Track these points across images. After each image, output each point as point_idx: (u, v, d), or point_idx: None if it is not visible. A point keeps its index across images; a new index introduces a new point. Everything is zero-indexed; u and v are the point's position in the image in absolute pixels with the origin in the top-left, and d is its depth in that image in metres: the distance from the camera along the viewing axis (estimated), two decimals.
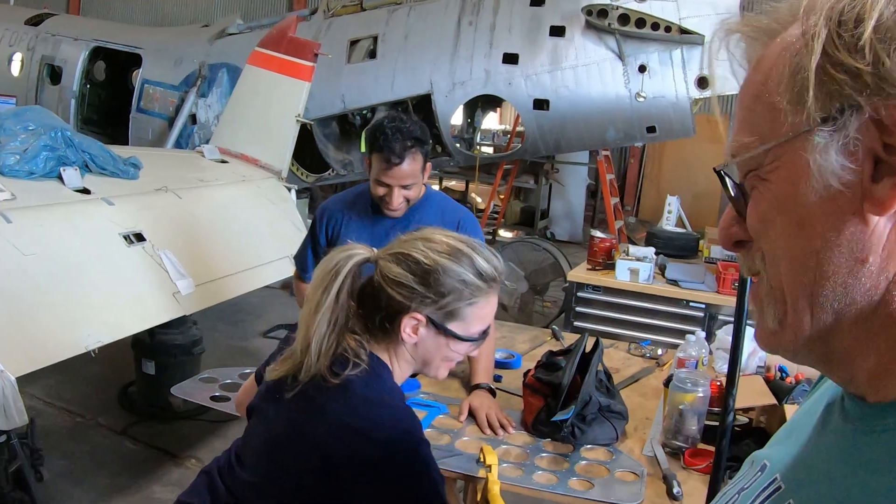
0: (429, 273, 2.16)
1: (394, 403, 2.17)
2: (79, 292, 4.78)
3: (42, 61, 13.51)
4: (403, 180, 3.75)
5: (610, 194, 12.35)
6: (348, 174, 11.73)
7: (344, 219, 4.03)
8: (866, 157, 0.84)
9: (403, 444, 2.07)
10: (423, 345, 2.24)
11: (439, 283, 2.17)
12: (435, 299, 2.18)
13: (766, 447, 1.20)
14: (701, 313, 6.51)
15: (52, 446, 5.68)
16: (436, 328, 2.21)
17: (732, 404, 2.93)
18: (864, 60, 0.81)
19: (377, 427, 2.07)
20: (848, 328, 0.90)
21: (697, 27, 9.71)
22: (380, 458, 2.04)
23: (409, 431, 2.10)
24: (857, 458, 0.91)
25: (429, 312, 2.19)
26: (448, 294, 2.18)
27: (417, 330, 2.20)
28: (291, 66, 7.78)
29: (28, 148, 5.40)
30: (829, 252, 0.88)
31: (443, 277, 2.17)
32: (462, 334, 2.24)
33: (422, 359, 2.29)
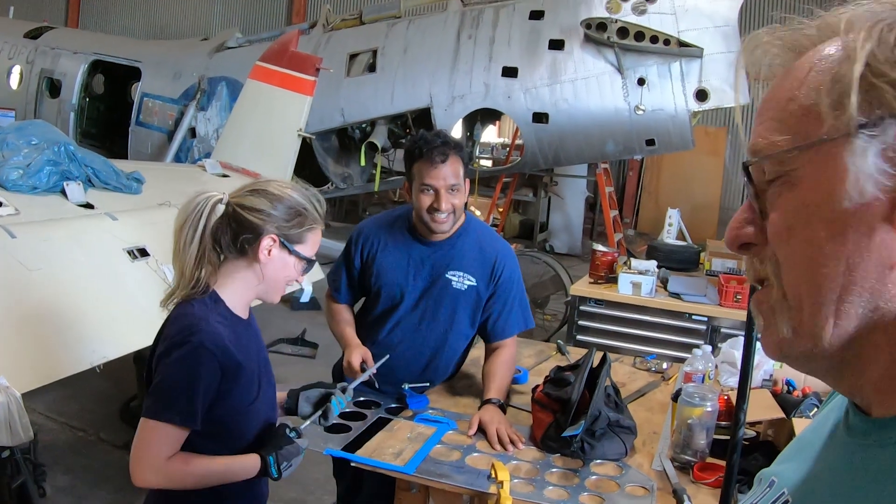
0: (281, 200, 2.68)
1: (201, 321, 2.59)
2: (83, 308, 4.77)
3: (41, 74, 13.56)
4: (449, 179, 3.71)
5: (609, 207, 12.38)
6: (347, 188, 11.76)
7: (380, 243, 4.00)
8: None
9: (189, 339, 2.55)
10: (273, 264, 2.69)
11: (289, 209, 2.69)
12: (286, 221, 2.68)
13: (774, 464, 1.21)
14: (703, 326, 6.51)
15: (54, 461, 5.66)
16: (287, 249, 2.70)
17: (743, 418, 2.93)
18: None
19: (184, 328, 2.57)
20: (865, 336, 0.90)
21: (696, 40, 9.78)
22: (171, 341, 2.59)
23: (203, 341, 2.55)
24: (862, 471, 0.92)
25: (280, 233, 2.66)
26: (295, 218, 2.69)
27: (271, 250, 2.67)
28: (293, 81, 7.81)
29: (31, 163, 5.41)
30: (858, 258, 0.88)
31: (290, 204, 2.69)
32: (301, 253, 2.73)
33: (270, 277, 2.72)
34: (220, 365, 2.57)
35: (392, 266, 3.95)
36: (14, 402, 3.80)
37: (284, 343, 8.86)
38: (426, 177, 3.71)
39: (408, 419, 3.71)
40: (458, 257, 3.93)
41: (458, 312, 3.97)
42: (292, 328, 9.16)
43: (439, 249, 3.92)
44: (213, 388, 2.58)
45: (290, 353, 8.68)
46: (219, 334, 2.59)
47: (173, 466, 2.55)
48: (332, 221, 17.42)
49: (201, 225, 2.61)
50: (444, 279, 3.92)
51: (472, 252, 3.95)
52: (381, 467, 3.26)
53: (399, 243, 3.97)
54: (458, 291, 3.93)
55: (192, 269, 2.63)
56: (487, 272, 3.95)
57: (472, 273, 3.93)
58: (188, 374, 2.54)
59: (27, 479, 4.81)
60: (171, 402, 2.54)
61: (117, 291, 5.06)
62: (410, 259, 3.93)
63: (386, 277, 3.96)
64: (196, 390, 2.54)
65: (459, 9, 10.96)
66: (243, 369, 2.65)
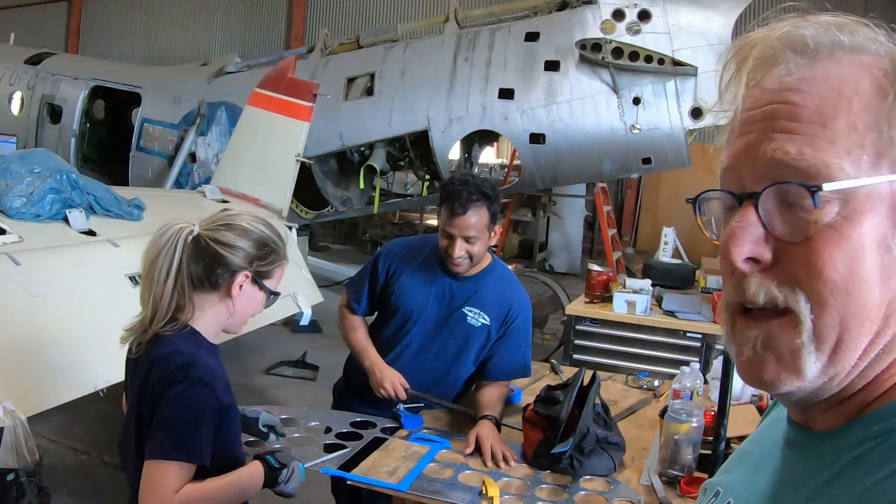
0: (254, 236, 2.75)
1: (195, 357, 2.65)
2: (87, 333, 4.84)
3: (42, 100, 13.62)
4: (466, 231, 3.79)
5: (607, 226, 12.40)
6: (347, 210, 11.81)
7: (407, 265, 4.09)
8: None
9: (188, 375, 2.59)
10: (243, 297, 2.77)
11: (261, 245, 2.76)
12: (259, 258, 2.76)
13: (717, 475, 1.28)
14: (698, 343, 6.57)
15: (58, 484, 5.73)
16: (257, 284, 2.78)
17: (724, 433, 3.02)
18: None
19: (180, 366, 2.60)
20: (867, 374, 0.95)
21: (690, 59, 9.83)
22: (168, 380, 2.59)
23: (202, 378, 2.60)
24: (801, 481, 0.98)
25: (253, 270, 2.75)
26: (267, 255, 2.78)
27: (243, 286, 2.75)
28: (291, 107, 7.89)
29: (34, 191, 5.49)
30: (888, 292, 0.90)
31: (264, 241, 2.77)
32: (270, 288, 2.82)
33: (238, 310, 2.80)
34: (217, 399, 2.63)
35: (414, 289, 4.04)
36: (20, 426, 3.88)
37: (285, 366, 8.92)
38: (445, 222, 3.82)
39: (402, 438, 3.79)
40: (478, 295, 4.02)
41: (467, 347, 4.06)
42: (293, 350, 9.23)
43: (462, 284, 4.02)
44: (216, 421, 2.63)
45: (291, 376, 8.74)
46: (212, 368, 2.68)
47: (186, 496, 2.55)
48: (331, 244, 17.51)
49: (176, 258, 2.66)
50: (461, 313, 4.02)
51: (492, 293, 4.04)
52: (377, 485, 3.35)
53: (426, 270, 4.06)
54: (472, 327, 4.02)
55: (168, 303, 2.67)
56: (502, 316, 4.05)
57: (487, 312, 4.03)
58: (192, 411, 2.58)
59: (32, 501, 4.86)
60: (180, 440, 2.55)
61: (119, 317, 5.06)
62: (433, 287, 4.04)
63: (405, 297, 4.05)
64: (201, 426, 2.58)
65: (455, 31, 11.03)
66: (231, 398, 2.74)
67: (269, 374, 8.74)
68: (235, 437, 2.86)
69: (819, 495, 0.93)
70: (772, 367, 0.95)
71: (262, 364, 9.00)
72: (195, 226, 2.74)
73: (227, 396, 2.70)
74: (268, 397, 7.98)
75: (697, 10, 9.91)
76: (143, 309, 2.76)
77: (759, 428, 1.25)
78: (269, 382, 8.45)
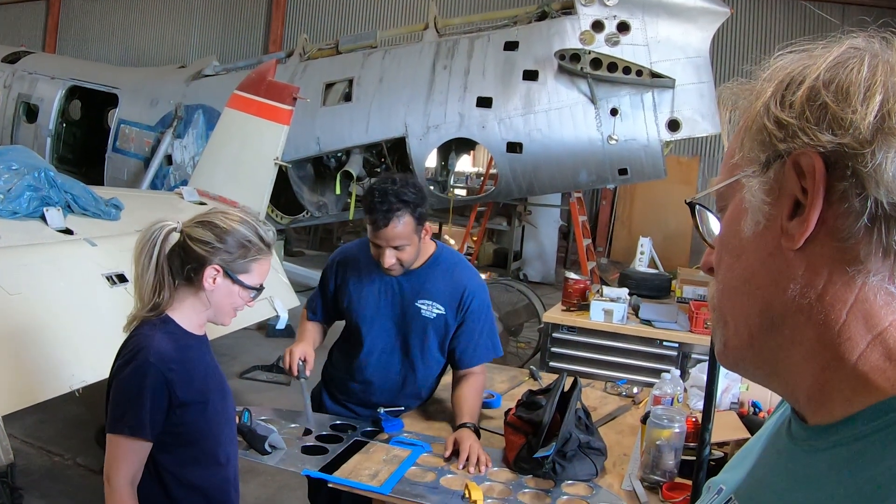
0: (227, 233, 2.84)
1: (151, 340, 2.78)
2: (63, 332, 4.80)
3: (18, 99, 13.53)
4: (392, 241, 3.78)
5: (582, 236, 12.45)
6: (322, 216, 11.80)
7: (353, 270, 4.11)
8: (786, 199, 0.96)
9: (136, 356, 2.75)
10: (218, 292, 2.87)
11: (234, 241, 2.84)
12: (230, 252, 2.83)
13: (721, 472, 1.29)
14: (674, 352, 6.60)
15: (31, 486, 5.67)
16: (230, 278, 2.86)
17: (708, 438, 3.03)
18: (791, 114, 0.95)
19: (133, 348, 2.79)
20: (784, 348, 1.00)
21: (668, 71, 9.90)
22: (121, 360, 2.80)
23: (148, 356, 2.74)
24: (801, 474, 1.00)
25: (224, 264, 2.83)
26: (238, 249, 2.85)
27: (216, 279, 2.84)
28: (270, 110, 7.87)
29: (11, 188, 5.45)
30: (757, 281, 1.01)
31: (235, 237, 2.85)
32: (247, 283, 2.90)
33: (216, 304, 2.90)
34: (165, 378, 2.75)
35: (363, 293, 4.06)
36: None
37: (259, 370, 8.87)
38: (371, 234, 3.83)
39: (383, 442, 3.78)
40: (428, 287, 4.02)
41: (428, 339, 4.06)
42: (267, 355, 9.19)
43: (409, 279, 4.01)
44: (163, 399, 2.76)
45: (265, 381, 8.69)
46: (164, 349, 2.78)
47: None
48: (306, 249, 17.47)
49: (155, 253, 2.80)
50: (414, 307, 4.02)
51: (441, 282, 4.04)
52: (359, 488, 3.33)
53: (371, 272, 4.04)
54: (428, 319, 4.03)
55: (150, 294, 2.82)
56: (456, 302, 4.04)
57: (440, 302, 4.02)
58: (135, 388, 2.73)
59: (5, 502, 4.82)
60: (122, 415, 2.74)
61: (96, 316, 5.10)
62: (382, 288, 4.04)
63: (356, 304, 4.07)
64: (143, 403, 2.72)
65: (435, 39, 11.05)
66: (192, 377, 2.85)
67: (244, 378, 8.69)
68: (215, 411, 2.97)
69: (820, 488, 0.94)
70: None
71: (236, 368, 8.95)
72: (179, 223, 2.88)
73: (190, 382, 2.84)
74: (242, 402, 7.91)
75: (676, 23, 9.99)
76: (134, 301, 2.91)
77: (765, 426, 1.27)
78: (243, 387, 8.40)
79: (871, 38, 0.96)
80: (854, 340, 0.94)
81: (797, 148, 0.93)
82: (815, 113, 0.92)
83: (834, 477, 0.93)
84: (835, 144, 0.90)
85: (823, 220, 0.92)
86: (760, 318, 1.01)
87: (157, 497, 2.88)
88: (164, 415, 2.78)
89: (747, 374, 1.12)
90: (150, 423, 2.74)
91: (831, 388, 0.97)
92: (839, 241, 0.92)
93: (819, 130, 0.91)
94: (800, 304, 0.96)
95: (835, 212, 0.92)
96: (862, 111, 0.89)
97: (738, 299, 1.04)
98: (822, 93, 0.92)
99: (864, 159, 0.88)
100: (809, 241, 0.94)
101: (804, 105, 0.93)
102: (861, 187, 0.89)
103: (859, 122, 0.89)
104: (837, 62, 0.94)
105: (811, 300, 0.95)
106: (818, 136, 0.91)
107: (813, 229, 0.93)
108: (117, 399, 2.78)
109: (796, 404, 1.05)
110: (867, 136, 0.89)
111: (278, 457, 3.62)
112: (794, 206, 0.95)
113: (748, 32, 16.50)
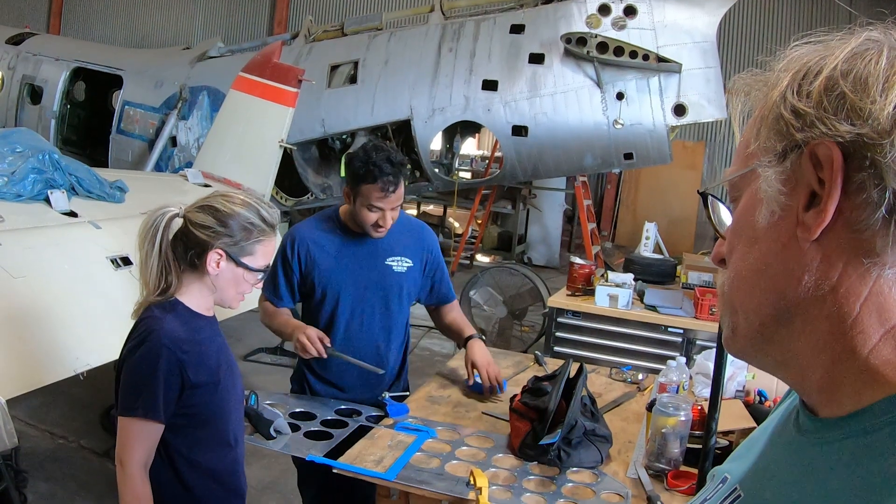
0: (229, 217, 2.84)
1: (162, 322, 2.81)
2: (67, 315, 4.81)
3: (23, 80, 13.51)
4: (395, 203, 3.95)
5: (587, 220, 12.44)
6: (327, 198, 11.77)
7: (316, 245, 4.13)
8: (803, 190, 0.95)
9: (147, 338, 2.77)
10: (223, 275, 2.87)
11: (235, 225, 2.84)
12: (232, 236, 2.83)
13: (727, 462, 1.29)
14: (679, 338, 6.60)
15: (35, 468, 5.68)
16: (234, 262, 2.86)
17: (715, 427, 3.02)
18: (809, 104, 0.93)
19: (143, 330, 2.80)
20: (795, 339, 1.00)
21: (675, 55, 9.87)
22: (133, 342, 2.82)
23: (160, 339, 2.76)
24: (808, 466, 1.00)
25: (227, 248, 2.83)
26: (241, 233, 2.85)
27: (220, 263, 2.84)
28: (275, 92, 7.85)
29: (16, 170, 5.44)
30: (771, 271, 0.99)
31: (237, 221, 2.84)
32: (252, 266, 2.89)
33: (221, 287, 2.91)
34: (178, 360, 2.77)
35: (332, 266, 4.11)
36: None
37: (264, 352, 8.89)
38: (375, 200, 3.90)
39: (388, 427, 3.78)
40: (393, 244, 4.17)
41: (403, 292, 4.24)
42: (271, 338, 9.15)
43: (374, 240, 4.11)
44: (176, 380, 2.78)
45: (270, 363, 8.71)
46: (175, 331, 2.80)
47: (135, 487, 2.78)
48: None
49: (157, 239, 2.82)
50: (386, 266, 4.17)
51: (401, 236, 4.20)
52: (363, 473, 3.32)
53: (335, 243, 4.14)
54: (400, 274, 4.20)
55: (156, 279, 2.85)
56: (421, 251, 4.29)
57: (408, 255, 4.23)
58: (148, 370, 2.74)
59: (9, 485, 4.82)
60: (135, 397, 2.76)
61: (101, 299, 5.10)
62: (349, 255, 4.14)
63: (329, 275, 4.11)
64: (156, 384, 2.74)
65: (440, 21, 11.01)
66: (203, 358, 2.88)
67: (248, 360, 8.71)
68: (226, 390, 2.99)
69: (828, 481, 0.95)
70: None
71: (240, 350, 8.94)
72: (181, 208, 2.89)
73: (201, 363, 2.86)
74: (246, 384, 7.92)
75: (683, 7, 9.95)
76: (140, 286, 2.95)
77: (770, 416, 1.27)
78: (248, 369, 8.41)
79: (889, 30, 0.95)
80: (866, 334, 0.94)
81: (815, 138, 0.92)
82: (833, 103, 0.91)
83: (842, 470, 0.94)
84: (853, 135, 0.90)
85: (840, 211, 0.92)
86: (773, 308, 1.00)
87: (168, 480, 2.89)
88: (176, 396, 2.80)
89: (754, 362, 1.12)
90: (164, 404, 2.76)
91: (841, 380, 0.97)
92: (856, 232, 0.91)
93: (837, 120, 0.91)
94: (814, 295, 0.95)
95: (852, 203, 0.91)
96: (881, 102, 0.89)
97: (749, 288, 1.03)
98: (840, 83, 0.91)
99: (883, 150, 0.88)
100: (825, 231, 0.93)
101: (822, 95, 0.92)
102: (879, 178, 0.89)
103: (878, 113, 0.88)
104: (855, 53, 0.93)
105: (825, 292, 0.95)
106: (836, 126, 0.90)
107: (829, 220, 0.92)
108: (129, 382, 2.79)
109: (806, 395, 1.05)
110: (886, 126, 0.88)
111: (283, 442, 3.62)
112: (811, 196, 0.94)
113: (755, 18, 16.40)
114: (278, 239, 3.28)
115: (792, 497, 1.00)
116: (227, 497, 3.07)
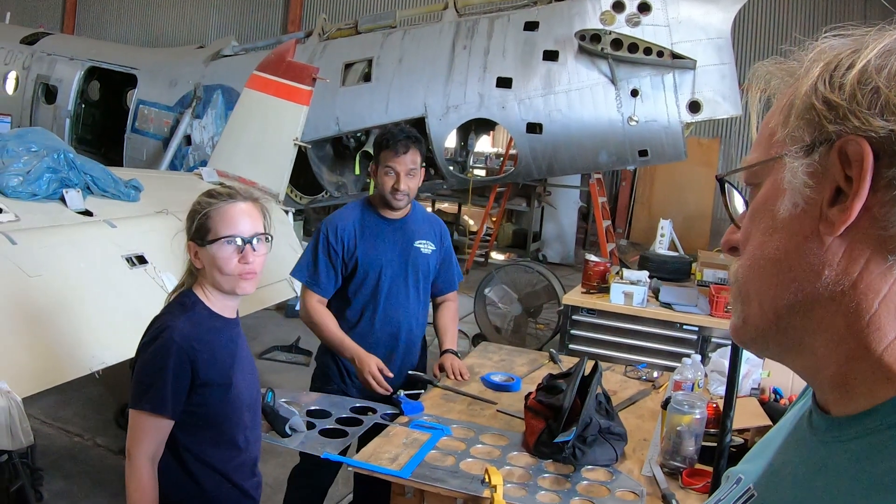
0: (190, 213, 2.96)
1: (173, 318, 2.89)
2: (83, 314, 4.82)
3: (37, 80, 13.55)
4: (408, 166, 4.33)
5: (602, 217, 12.40)
6: (342, 196, 11.77)
7: (354, 231, 4.45)
8: (828, 184, 0.93)
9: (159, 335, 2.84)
10: (206, 262, 2.91)
11: (192, 214, 2.94)
12: (191, 225, 2.92)
13: (741, 463, 1.28)
14: (694, 336, 6.57)
15: (51, 466, 5.71)
16: (200, 245, 2.90)
17: (730, 425, 3.01)
18: (842, 96, 0.92)
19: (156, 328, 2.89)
20: (809, 333, 0.99)
21: (689, 52, 9.81)
22: (145, 338, 2.91)
23: (171, 335, 2.82)
24: (820, 465, 0.99)
25: (193, 238, 2.92)
26: (193, 218, 2.93)
27: (197, 253, 2.92)
28: (290, 91, 7.85)
29: (31, 170, 5.45)
30: (790, 263, 0.98)
31: (192, 209, 2.95)
32: (214, 237, 2.88)
33: (212, 276, 2.93)
34: (189, 357, 2.82)
35: (373, 245, 4.46)
36: (15, 407, 3.85)
37: (279, 350, 8.91)
38: (390, 161, 4.32)
39: (403, 425, 3.78)
40: (419, 229, 4.61)
41: (430, 271, 4.67)
42: (286, 336, 9.21)
43: (404, 225, 4.55)
44: (186, 377, 2.83)
45: (285, 361, 8.72)
46: (188, 329, 2.85)
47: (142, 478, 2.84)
48: None
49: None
50: (415, 248, 4.57)
51: (426, 224, 4.69)
52: (378, 471, 3.33)
53: (372, 226, 4.49)
54: (426, 255, 4.61)
55: (185, 273, 3.06)
56: (438, 239, 4.71)
57: (431, 240, 4.65)
58: (159, 366, 2.80)
59: (25, 483, 4.84)
60: (144, 391, 2.82)
61: (116, 298, 5.11)
62: (386, 236, 4.50)
63: (370, 256, 4.45)
64: (166, 380, 2.79)
65: (454, 19, 10.99)
66: (216, 358, 2.91)
67: (263, 358, 8.71)
68: (238, 389, 3.03)
69: (840, 479, 0.94)
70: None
71: (256, 348, 8.95)
72: None
73: (213, 363, 2.90)
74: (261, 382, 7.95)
75: (698, 3, 9.90)
76: None
77: (785, 416, 1.26)
78: (263, 367, 8.40)
79: None
80: (883, 331, 0.93)
81: (847, 131, 0.91)
82: (866, 97, 0.90)
83: (853, 468, 0.93)
84: (887, 130, 0.88)
85: (867, 207, 0.91)
86: (789, 300, 0.99)
87: (176, 474, 2.93)
88: (186, 393, 2.83)
89: (762, 352, 1.11)
90: (173, 400, 2.79)
91: (855, 377, 0.96)
92: (882, 229, 0.91)
93: (871, 115, 0.89)
94: (833, 290, 0.95)
95: (880, 199, 0.90)
96: None
97: (766, 278, 1.02)
98: (874, 77, 0.90)
99: None
100: (850, 227, 0.92)
101: (855, 88, 0.91)
102: None
103: None
104: (888, 50, 0.92)
105: (845, 287, 0.94)
106: (870, 120, 0.89)
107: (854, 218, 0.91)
108: (140, 376, 2.85)
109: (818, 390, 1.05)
110: None
111: (298, 440, 3.63)
112: (836, 192, 0.93)
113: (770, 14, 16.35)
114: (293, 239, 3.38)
115: (803, 496, 1.00)
116: (237, 496, 3.08)
